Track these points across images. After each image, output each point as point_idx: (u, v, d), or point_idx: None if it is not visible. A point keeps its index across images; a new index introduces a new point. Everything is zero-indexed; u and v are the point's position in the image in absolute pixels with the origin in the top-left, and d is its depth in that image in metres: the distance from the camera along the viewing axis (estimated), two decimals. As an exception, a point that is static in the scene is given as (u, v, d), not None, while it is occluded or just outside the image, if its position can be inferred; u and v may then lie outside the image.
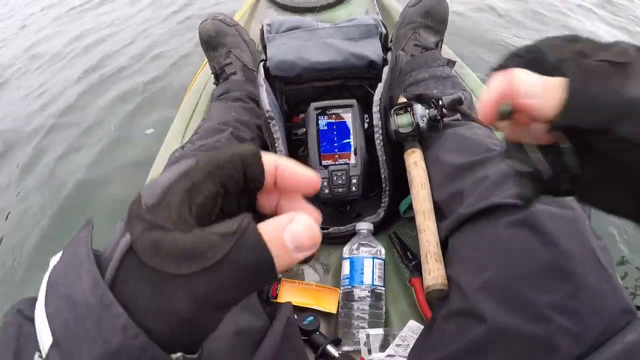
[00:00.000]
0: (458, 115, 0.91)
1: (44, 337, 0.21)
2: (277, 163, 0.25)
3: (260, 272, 0.21)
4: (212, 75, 1.24)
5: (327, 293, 0.81)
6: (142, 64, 2.29)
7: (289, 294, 0.81)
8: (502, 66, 0.27)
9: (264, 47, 1.02)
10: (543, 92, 0.24)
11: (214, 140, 0.94)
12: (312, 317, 0.76)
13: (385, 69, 0.93)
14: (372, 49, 0.98)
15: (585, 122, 0.24)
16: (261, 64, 0.98)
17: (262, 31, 1.03)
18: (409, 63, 1.08)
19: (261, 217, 0.26)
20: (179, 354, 0.22)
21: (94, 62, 2.39)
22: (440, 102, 0.87)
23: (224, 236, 0.20)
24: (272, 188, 0.26)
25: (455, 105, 0.88)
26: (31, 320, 0.22)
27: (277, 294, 0.80)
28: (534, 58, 0.27)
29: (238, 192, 0.25)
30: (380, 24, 1.00)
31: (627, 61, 0.23)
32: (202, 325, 0.21)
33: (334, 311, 0.79)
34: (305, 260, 0.24)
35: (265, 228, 0.21)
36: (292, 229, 0.22)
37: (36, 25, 3.12)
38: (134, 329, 0.19)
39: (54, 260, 0.23)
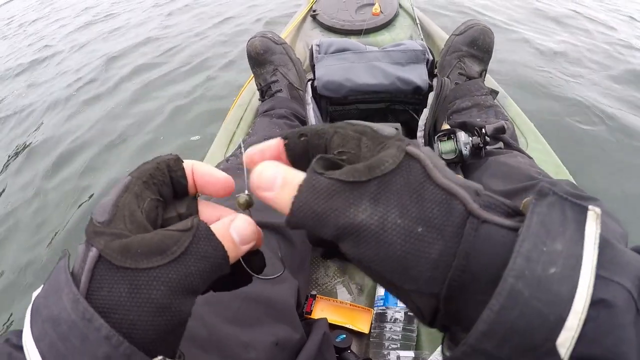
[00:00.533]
0: (501, 144, 0.91)
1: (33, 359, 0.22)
2: (192, 165, 0.29)
3: (217, 261, 0.25)
4: (258, 91, 1.26)
5: (360, 313, 0.82)
6: (198, 70, 2.38)
7: (322, 310, 0.82)
8: (287, 145, 0.28)
9: (313, 67, 1.04)
10: (280, 188, 0.24)
11: None
12: (344, 335, 0.76)
13: (431, 95, 0.95)
14: (418, 75, 0.99)
15: (313, 231, 0.23)
16: (309, 83, 1.00)
17: (311, 51, 1.06)
18: (453, 91, 1.09)
19: None
20: (159, 357, 0.23)
21: (153, 62, 2.53)
22: (484, 130, 0.88)
23: (183, 232, 0.24)
24: (194, 189, 0.29)
25: (498, 134, 0.88)
26: (20, 348, 0.23)
27: (312, 310, 0.81)
28: (318, 145, 0.27)
29: (170, 199, 0.28)
30: (427, 50, 1.02)
31: (357, 180, 0.22)
32: (177, 310, 0.23)
33: (366, 331, 0.79)
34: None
35: (214, 226, 0.26)
36: (235, 225, 0.26)
37: (92, 33, 3.30)
38: (117, 338, 0.21)
39: (36, 293, 0.25)
